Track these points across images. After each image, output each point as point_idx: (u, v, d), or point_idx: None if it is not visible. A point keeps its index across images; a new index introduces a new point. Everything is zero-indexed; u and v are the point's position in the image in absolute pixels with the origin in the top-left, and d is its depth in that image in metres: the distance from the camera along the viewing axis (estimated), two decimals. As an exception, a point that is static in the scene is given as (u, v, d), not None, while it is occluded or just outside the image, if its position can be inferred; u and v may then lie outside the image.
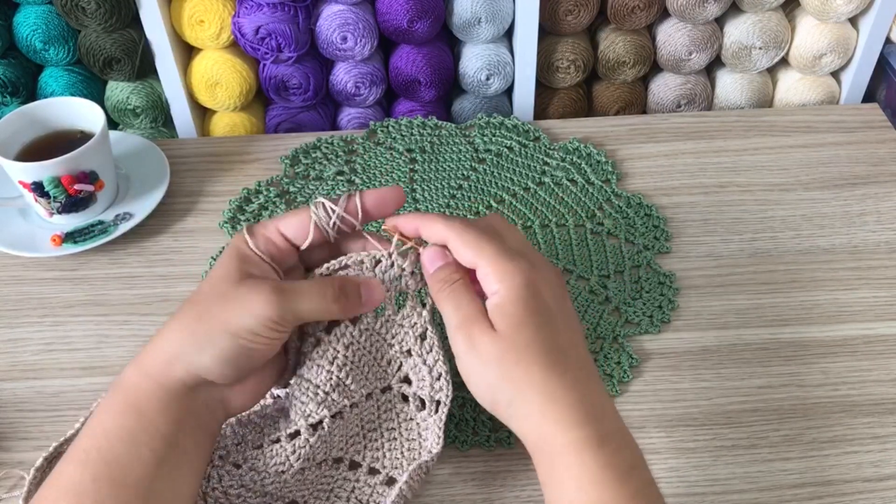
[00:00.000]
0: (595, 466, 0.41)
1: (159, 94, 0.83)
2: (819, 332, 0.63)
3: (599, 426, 0.42)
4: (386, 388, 0.51)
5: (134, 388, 0.44)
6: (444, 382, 0.49)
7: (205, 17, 0.78)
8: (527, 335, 0.43)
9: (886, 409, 0.57)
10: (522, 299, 0.44)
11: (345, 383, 0.48)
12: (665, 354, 0.62)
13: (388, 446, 0.51)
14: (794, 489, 0.53)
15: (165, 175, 0.75)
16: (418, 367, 0.49)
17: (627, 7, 0.80)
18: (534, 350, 0.43)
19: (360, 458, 0.51)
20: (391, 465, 0.51)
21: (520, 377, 0.43)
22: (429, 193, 0.75)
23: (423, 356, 0.49)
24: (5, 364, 0.62)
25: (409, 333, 0.49)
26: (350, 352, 0.48)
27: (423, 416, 0.50)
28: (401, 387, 0.50)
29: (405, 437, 0.51)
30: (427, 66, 0.81)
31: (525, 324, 0.44)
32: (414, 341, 0.49)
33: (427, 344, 0.49)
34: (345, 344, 0.48)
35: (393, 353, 0.50)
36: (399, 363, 0.50)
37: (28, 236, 0.71)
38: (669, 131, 0.82)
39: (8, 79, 0.80)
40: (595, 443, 0.41)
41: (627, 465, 0.42)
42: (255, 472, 0.48)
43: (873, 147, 0.79)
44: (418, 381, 0.50)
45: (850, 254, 0.69)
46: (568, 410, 0.42)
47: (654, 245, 0.70)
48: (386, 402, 0.51)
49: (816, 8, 0.80)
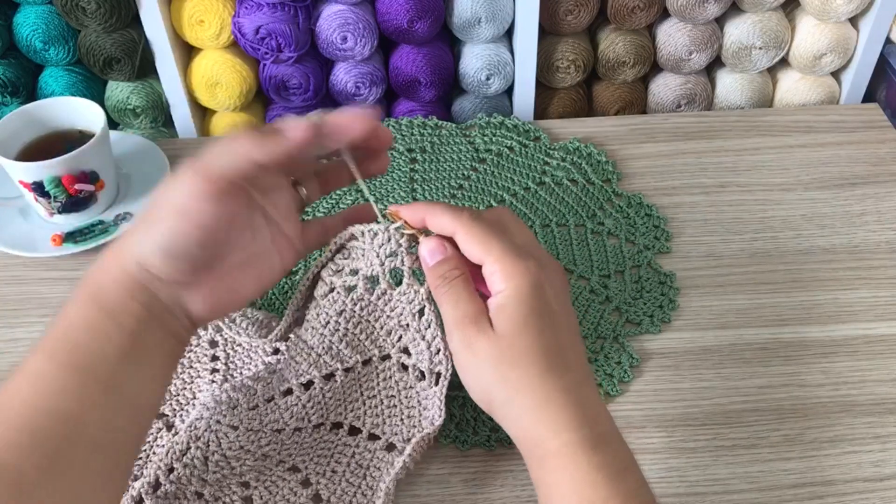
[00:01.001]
0: (588, 468, 0.41)
1: (159, 94, 0.83)
2: (819, 332, 0.63)
3: (594, 428, 0.42)
4: (385, 356, 0.51)
5: (95, 284, 0.43)
6: (442, 357, 0.49)
7: (205, 17, 0.78)
8: (528, 339, 0.43)
9: (886, 409, 0.57)
10: (527, 301, 0.44)
11: (338, 347, 0.49)
12: (665, 354, 0.62)
13: (388, 413, 0.52)
14: (795, 489, 0.53)
15: (166, 175, 0.75)
16: (417, 341, 0.50)
17: (627, 7, 0.80)
18: (533, 353, 0.43)
19: (360, 423, 0.52)
20: (391, 431, 0.52)
21: (516, 379, 0.43)
22: (429, 193, 0.75)
23: (421, 331, 0.50)
24: (5, 364, 0.62)
25: (407, 309, 0.50)
26: (343, 318, 0.49)
27: (423, 385, 0.51)
28: (400, 357, 0.51)
29: (405, 404, 0.52)
30: (427, 66, 0.81)
31: (528, 326, 0.43)
32: (412, 317, 0.50)
33: (425, 320, 0.49)
34: (337, 310, 0.49)
35: (392, 325, 0.51)
36: (399, 335, 0.51)
37: (28, 236, 0.71)
38: (669, 131, 0.82)
39: (8, 79, 0.80)
40: (589, 445, 0.41)
41: (620, 467, 0.42)
42: (251, 431, 0.49)
43: (873, 147, 0.79)
44: (417, 353, 0.51)
45: (850, 254, 0.69)
46: (563, 413, 0.42)
47: (655, 245, 0.70)
48: (385, 370, 0.52)
49: (816, 8, 0.80)
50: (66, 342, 0.42)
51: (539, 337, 0.43)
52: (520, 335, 0.43)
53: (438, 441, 0.56)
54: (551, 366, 0.43)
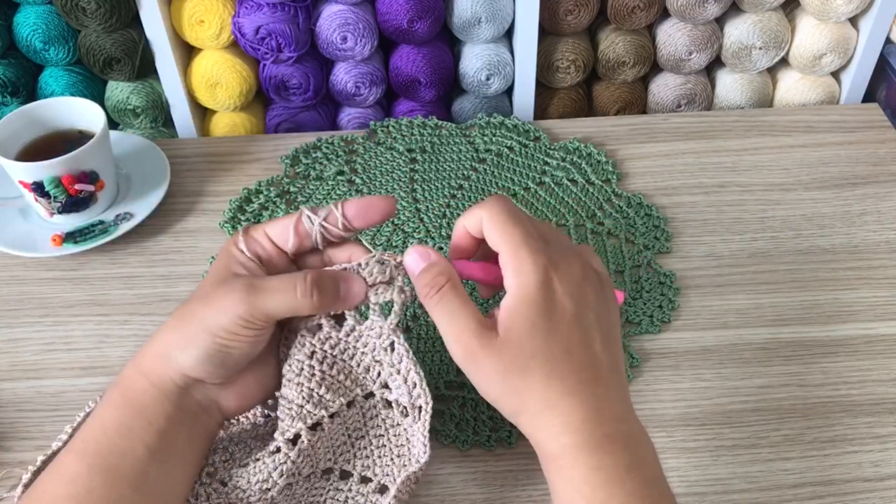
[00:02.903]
0: (586, 470, 0.41)
1: (159, 94, 0.83)
2: (819, 332, 0.63)
3: (597, 430, 0.41)
4: (368, 394, 0.49)
5: (131, 386, 0.45)
6: (420, 391, 0.47)
7: (205, 17, 0.78)
8: (534, 343, 0.42)
9: (886, 409, 0.57)
10: (535, 302, 0.43)
11: (319, 393, 0.47)
12: (665, 354, 0.62)
13: (378, 453, 0.50)
14: (795, 489, 0.53)
15: (166, 175, 0.75)
16: (393, 376, 0.48)
17: (627, 7, 0.80)
18: (539, 358, 0.42)
19: (351, 466, 0.50)
20: (382, 472, 0.50)
21: (523, 388, 0.42)
22: (429, 193, 0.75)
23: (395, 366, 0.47)
24: (5, 364, 0.62)
25: (377, 343, 0.48)
26: (315, 361, 0.47)
27: (408, 422, 0.49)
28: (383, 392, 0.49)
29: (394, 443, 0.50)
30: (427, 66, 0.81)
31: (535, 328, 0.42)
32: (384, 352, 0.48)
33: (396, 354, 0.47)
34: (307, 353, 0.47)
35: (369, 361, 0.48)
36: (377, 370, 0.49)
37: (28, 236, 0.71)
38: (669, 131, 0.82)
39: (8, 79, 0.80)
40: (591, 446, 0.41)
41: (624, 467, 0.41)
42: (239, 489, 0.47)
43: (873, 147, 0.79)
44: (396, 388, 0.48)
45: (850, 254, 0.69)
46: (562, 417, 0.42)
47: (655, 245, 0.70)
48: (371, 409, 0.49)
49: (816, 8, 0.80)
50: (98, 444, 0.44)
51: (545, 340, 0.43)
52: (526, 340, 0.42)
53: (439, 441, 0.56)
54: (554, 370, 0.42)
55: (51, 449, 0.49)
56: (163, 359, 0.45)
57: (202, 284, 0.47)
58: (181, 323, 0.45)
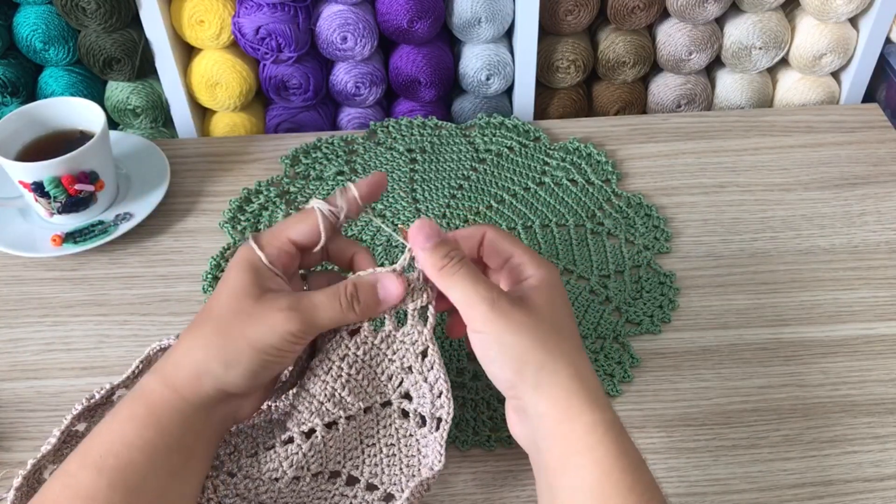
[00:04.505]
0: (616, 451, 0.42)
1: (159, 94, 0.83)
2: (819, 332, 0.63)
3: (614, 415, 0.44)
4: (386, 402, 0.50)
5: (158, 401, 0.45)
6: (444, 400, 0.48)
7: (205, 17, 0.78)
8: (561, 316, 0.46)
9: (886, 409, 0.57)
10: (557, 287, 0.47)
11: (341, 395, 0.48)
12: (665, 354, 0.62)
13: (387, 462, 0.51)
14: (794, 489, 0.53)
15: (165, 175, 0.75)
16: (419, 384, 0.49)
17: (627, 7, 0.80)
18: (567, 330, 0.46)
19: (359, 472, 0.51)
20: (389, 481, 0.51)
21: (554, 345, 0.44)
22: (429, 193, 0.75)
23: (423, 373, 0.49)
24: (5, 364, 0.62)
25: (410, 350, 0.49)
26: (346, 364, 0.48)
27: (423, 432, 0.50)
28: (401, 402, 0.50)
29: (404, 453, 0.51)
30: (427, 66, 0.81)
31: (561, 305, 0.47)
32: (415, 358, 0.49)
33: (428, 361, 0.49)
34: (340, 355, 0.48)
35: (394, 369, 0.49)
36: (400, 379, 0.50)
37: (28, 236, 0.71)
38: (669, 131, 0.82)
39: (8, 79, 0.80)
40: (619, 427, 0.43)
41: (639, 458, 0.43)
42: (249, 479, 0.48)
43: (873, 147, 0.79)
44: (419, 397, 0.49)
45: (850, 254, 0.69)
46: (593, 392, 0.44)
47: (655, 245, 0.70)
48: (386, 417, 0.50)
49: (816, 8, 0.80)
50: (117, 458, 0.43)
51: (569, 319, 0.47)
52: (554, 311, 0.46)
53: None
54: (580, 346, 0.46)
55: (40, 453, 0.48)
56: (201, 375, 0.45)
57: (229, 298, 0.46)
58: (219, 339, 0.45)
